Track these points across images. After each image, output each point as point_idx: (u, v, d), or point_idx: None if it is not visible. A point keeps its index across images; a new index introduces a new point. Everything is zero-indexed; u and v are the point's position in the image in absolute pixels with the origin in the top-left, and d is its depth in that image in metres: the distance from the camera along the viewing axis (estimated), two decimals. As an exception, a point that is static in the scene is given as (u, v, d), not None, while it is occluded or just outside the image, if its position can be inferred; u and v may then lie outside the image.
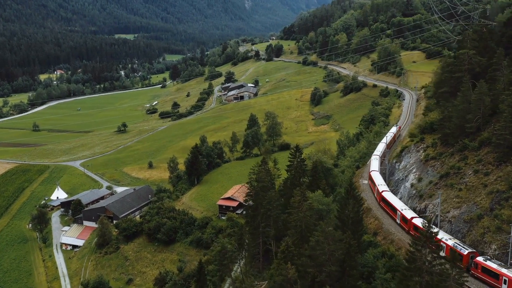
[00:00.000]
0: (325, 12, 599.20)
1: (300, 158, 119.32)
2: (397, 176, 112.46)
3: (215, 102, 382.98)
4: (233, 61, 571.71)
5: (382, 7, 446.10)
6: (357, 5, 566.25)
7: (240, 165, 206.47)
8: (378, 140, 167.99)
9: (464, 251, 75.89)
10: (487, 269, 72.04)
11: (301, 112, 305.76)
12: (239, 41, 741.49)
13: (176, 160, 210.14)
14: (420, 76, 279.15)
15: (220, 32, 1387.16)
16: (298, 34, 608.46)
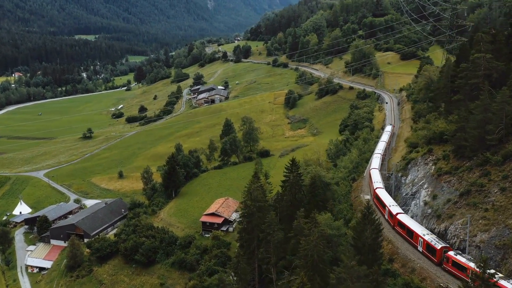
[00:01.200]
0: (293, 12, 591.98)
1: (296, 173, 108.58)
2: (404, 191, 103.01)
3: (185, 106, 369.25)
4: (200, 62, 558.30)
5: (352, 8, 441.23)
6: (325, 5, 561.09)
7: (219, 174, 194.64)
8: (368, 149, 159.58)
9: (437, 246, 79.60)
10: (457, 263, 75.09)
11: (276, 115, 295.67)
12: (205, 42, 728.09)
13: (150, 170, 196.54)
14: (396, 78, 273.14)
15: (183, 32, 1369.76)
16: (266, 35, 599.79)
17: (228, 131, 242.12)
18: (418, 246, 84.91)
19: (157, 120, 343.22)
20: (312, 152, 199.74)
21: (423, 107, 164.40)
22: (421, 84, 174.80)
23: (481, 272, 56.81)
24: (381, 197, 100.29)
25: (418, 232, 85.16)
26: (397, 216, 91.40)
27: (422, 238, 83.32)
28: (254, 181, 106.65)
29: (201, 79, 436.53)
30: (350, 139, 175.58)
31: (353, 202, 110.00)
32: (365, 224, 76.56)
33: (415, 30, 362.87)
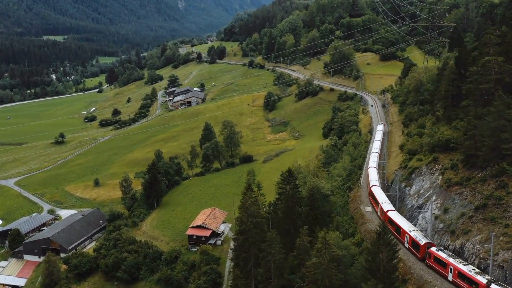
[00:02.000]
0: (267, 12, 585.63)
1: (293, 184, 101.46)
2: (410, 203, 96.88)
3: (161, 109, 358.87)
4: (174, 63, 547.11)
5: (328, 8, 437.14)
6: (300, 5, 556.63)
7: (202, 182, 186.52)
8: (359, 154, 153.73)
9: (421, 242, 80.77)
10: (438, 258, 76.08)
11: (256, 118, 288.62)
12: (178, 42, 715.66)
13: (130, 179, 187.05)
14: (377, 79, 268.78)
15: (154, 33, 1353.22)
16: (240, 35, 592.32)
17: (208, 136, 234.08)
18: (405, 242, 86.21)
19: (132, 124, 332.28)
20: (297, 156, 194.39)
21: (414, 111, 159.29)
22: (410, 87, 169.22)
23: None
24: (375, 194, 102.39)
25: (405, 228, 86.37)
26: (387, 213, 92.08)
27: (408, 235, 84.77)
28: (248, 194, 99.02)
29: (176, 81, 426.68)
30: (339, 144, 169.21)
31: (354, 215, 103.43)
32: (380, 245, 69.91)
33: (393, 31, 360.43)
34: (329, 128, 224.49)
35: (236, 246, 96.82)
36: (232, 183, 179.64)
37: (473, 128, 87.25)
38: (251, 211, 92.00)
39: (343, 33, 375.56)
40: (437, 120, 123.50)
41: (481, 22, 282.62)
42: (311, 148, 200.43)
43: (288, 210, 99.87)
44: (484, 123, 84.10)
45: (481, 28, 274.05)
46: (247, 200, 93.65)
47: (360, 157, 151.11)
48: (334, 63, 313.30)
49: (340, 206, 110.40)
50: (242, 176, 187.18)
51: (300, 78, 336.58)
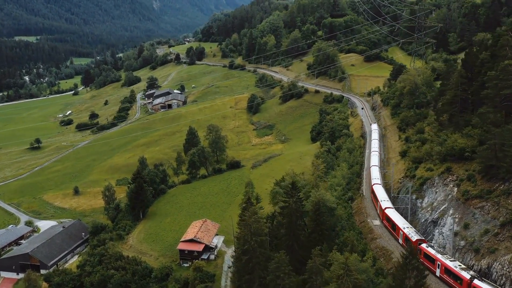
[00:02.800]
0: (245, 13, 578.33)
1: (297, 197, 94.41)
2: (423, 216, 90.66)
3: (140, 112, 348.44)
4: (152, 65, 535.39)
5: (309, 8, 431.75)
6: (279, 6, 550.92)
7: (189, 190, 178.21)
8: (355, 160, 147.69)
9: (413, 238, 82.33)
10: (427, 254, 77.88)
11: (240, 121, 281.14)
12: (155, 43, 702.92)
13: (113, 188, 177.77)
14: (363, 81, 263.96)
15: (129, 33, 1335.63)
16: (218, 36, 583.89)
17: (192, 140, 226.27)
18: (399, 238, 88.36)
19: (111, 128, 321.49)
20: (287, 161, 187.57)
21: (410, 115, 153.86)
22: (405, 89, 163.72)
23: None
24: (376, 192, 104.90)
25: (399, 225, 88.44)
26: (384, 211, 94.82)
27: (402, 231, 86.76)
28: (250, 210, 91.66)
29: (155, 82, 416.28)
30: (332, 149, 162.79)
31: (361, 229, 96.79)
32: (407, 270, 63.30)
33: (377, 32, 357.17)
34: (317, 131, 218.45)
35: (239, 267, 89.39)
36: (220, 191, 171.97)
37: (493, 137, 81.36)
38: (254, 229, 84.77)
39: (326, 33, 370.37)
40: (441, 126, 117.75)
41: (464, 22, 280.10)
42: (300, 152, 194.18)
43: (291, 225, 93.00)
44: (506, 131, 78.26)
45: (464, 29, 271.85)
46: (249, 216, 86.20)
47: (357, 164, 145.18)
48: (318, 65, 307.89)
49: (344, 219, 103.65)
50: (230, 183, 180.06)
51: (283, 80, 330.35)
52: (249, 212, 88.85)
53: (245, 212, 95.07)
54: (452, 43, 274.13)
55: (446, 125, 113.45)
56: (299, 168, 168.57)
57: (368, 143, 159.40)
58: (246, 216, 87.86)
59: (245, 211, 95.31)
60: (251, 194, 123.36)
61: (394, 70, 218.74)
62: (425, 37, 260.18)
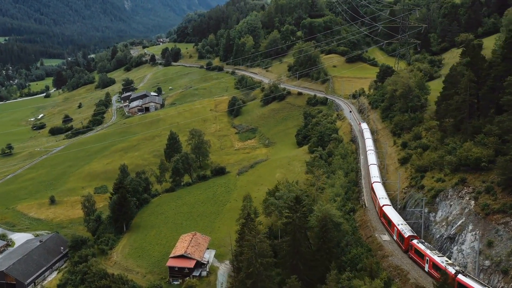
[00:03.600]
0: (221, 13, 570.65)
1: (301, 213, 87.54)
2: (437, 232, 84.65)
3: (116, 115, 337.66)
4: (126, 66, 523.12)
5: (287, 8, 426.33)
6: (255, 6, 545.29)
7: (173, 199, 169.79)
8: (350, 167, 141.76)
9: (405, 234, 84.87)
10: (418, 250, 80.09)
11: (221, 125, 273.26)
12: (128, 44, 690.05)
13: (92, 198, 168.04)
14: (346, 83, 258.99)
15: (100, 34, 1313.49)
16: (193, 36, 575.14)
17: (174, 145, 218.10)
18: (394, 235, 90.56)
19: (87, 132, 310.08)
20: (274, 167, 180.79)
21: (405, 119, 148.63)
22: (397, 92, 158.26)
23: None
24: (375, 190, 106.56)
25: (394, 222, 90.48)
26: (382, 208, 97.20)
27: (396, 228, 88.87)
28: (250, 226, 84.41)
29: (131, 84, 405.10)
30: (323, 155, 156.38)
31: (370, 245, 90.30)
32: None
33: (358, 33, 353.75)
34: (303, 135, 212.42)
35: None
36: (207, 200, 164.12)
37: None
38: (259, 250, 77.61)
39: (305, 34, 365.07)
40: (444, 132, 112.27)
41: (445, 23, 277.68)
42: (288, 158, 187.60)
43: (295, 242, 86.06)
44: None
45: (446, 29, 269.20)
46: (254, 236, 78.96)
47: (352, 171, 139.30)
48: (299, 66, 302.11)
49: (349, 233, 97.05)
50: (216, 191, 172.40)
51: (263, 82, 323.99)
52: (253, 231, 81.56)
53: (244, 228, 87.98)
54: (433, 44, 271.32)
55: (450, 131, 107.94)
56: (289, 175, 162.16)
57: (362, 143, 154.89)
58: (250, 236, 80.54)
59: (245, 227, 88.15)
60: (249, 209, 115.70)
61: (381, 71, 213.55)
62: (409, 37, 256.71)
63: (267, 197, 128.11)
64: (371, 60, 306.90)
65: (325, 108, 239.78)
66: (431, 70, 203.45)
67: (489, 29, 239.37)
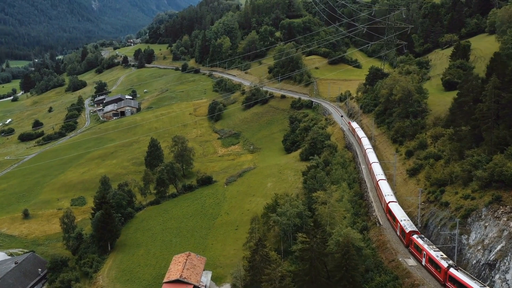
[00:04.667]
0: (194, 13, 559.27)
1: (321, 237, 78.29)
2: (473, 257, 76.29)
3: (90, 120, 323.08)
4: (98, 68, 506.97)
5: (263, 9, 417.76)
6: (231, 6, 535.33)
7: (159, 213, 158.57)
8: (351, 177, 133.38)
9: (407, 229, 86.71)
10: (416, 245, 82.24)
11: (202, 129, 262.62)
12: (98, 45, 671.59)
13: (72, 213, 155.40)
14: (330, 85, 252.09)
15: (68, 34, 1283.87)
16: (166, 37, 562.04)
17: (155, 153, 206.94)
18: (397, 230, 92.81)
19: (60, 139, 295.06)
20: (265, 176, 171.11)
21: (406, 125, 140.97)
22: (396, 96, 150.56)
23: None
24: (380, 187, 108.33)
25: (398, 217, 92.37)
26: (388, 204, 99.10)
27: (399, 223, 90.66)
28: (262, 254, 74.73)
29: (105, 87, 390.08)
30: (320, 164, 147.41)
31: (394, 271, 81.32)
32: None
33: (337, 33, 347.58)
34: (292, 141, 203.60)
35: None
36: (195, 213, 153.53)
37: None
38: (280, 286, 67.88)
39: (284, 35, 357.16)
40: (458, 141, 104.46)
41: (426, 23, 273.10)
42: (278, 166, 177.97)
43: (314, 271, 76.77)
44: None
45: (428, 30, 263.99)
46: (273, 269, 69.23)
47: (354, 182, 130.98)
48: (280, 68, 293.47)
49: (369, 257, 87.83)
50: (205, 203, 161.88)
51: (243, 84, 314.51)
52: (269, 261, 71.85)
53: (255, 256, 78.28)
54: (416, 45, 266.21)
55: (468, 141, 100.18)
56: (282, 185, 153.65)
57: (360, 151, 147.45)
58: (269, 269, 70.79)
59: (256, 254, 78.44)
60: (258, 232, 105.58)
61: (370, 74, 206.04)
62: (395, 38, 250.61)
63: (267, 213, 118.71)
64: (354, 62, 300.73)
65: (310, 112, 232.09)
66: (421, 72, 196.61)
67: (472, 30, 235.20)
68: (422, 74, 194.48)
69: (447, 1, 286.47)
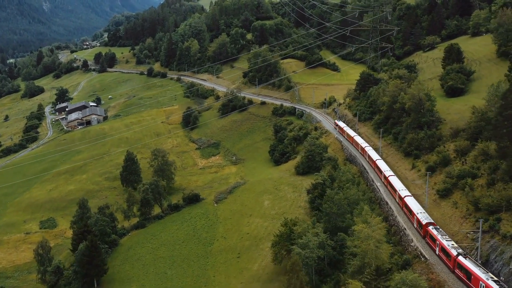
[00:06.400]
0: (156, 15, 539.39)
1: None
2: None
3: (52, 130, 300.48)
4: (55, 73, 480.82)
5: (231, 10, 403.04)
6: (194, 8, 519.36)
7: (147, 238, 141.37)
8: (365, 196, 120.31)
9: (423, 221, 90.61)
10: (431, 236, 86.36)
11: (178, 139, 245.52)
12: (54, 48, 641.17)
13: (48, 243, 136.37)
14: (312, 90, 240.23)
15: (18, 37, 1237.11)
16: (127, 40, 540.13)
17: (131, 167, 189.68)
18: (414, 222, 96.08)
19: (21, 151, 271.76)
20: (259, 193, 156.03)
21: (421, 136, 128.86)
22: (406, 105, 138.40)
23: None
24: (392, 183, 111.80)
25: (414, 210, 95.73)
26: (404, 198, 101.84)
27: (416, 216, 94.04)
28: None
29: (66, 94, 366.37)
30: (327, 181, 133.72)
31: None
32: None
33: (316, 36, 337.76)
34: (281, 152, 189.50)
35: None
36: (188, 238, 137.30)
37: None
38: None
39: (256, 37, 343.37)
40: (502, 158, 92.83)
41: (404, 25, 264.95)
42: (272, 181, 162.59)
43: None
44: None
45: (407, 32, 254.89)
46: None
47: (372, 202, 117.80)
48: (256, 72, 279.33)
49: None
50: (196, 225, 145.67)
51: (216, 89, 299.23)
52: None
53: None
54: (395, 47, 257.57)
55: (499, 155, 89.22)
56: (281, 204, 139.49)
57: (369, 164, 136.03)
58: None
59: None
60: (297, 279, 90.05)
61: (362, 79, 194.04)
62: (380, 41, 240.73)
63: (280, 241, 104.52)
64: (332, 66, 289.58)
65: (295, 119, 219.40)
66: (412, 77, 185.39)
67: (453, 32, 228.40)
68: (413, 79, 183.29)
69: (422, 2, 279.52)
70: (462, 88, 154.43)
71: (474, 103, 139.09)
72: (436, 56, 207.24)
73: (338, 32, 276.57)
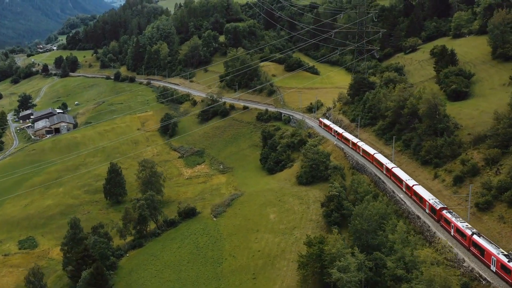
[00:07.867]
0: (118, 17, 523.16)
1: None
2: None
3: (18, 139, 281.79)
4: (13, 78, 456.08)
5: (200, 12, 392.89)
6: (159, 10, 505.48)
7: (148, 259, 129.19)
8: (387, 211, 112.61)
9: (437, 207, 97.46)
10: (446, 219, 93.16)
11: (158, 147, 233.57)
12: (8, 52, 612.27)
13: (40, 270, 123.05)
14: (296, 94, 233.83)
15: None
16: (87, 43, 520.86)
17: (115, 180, 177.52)
18: (426, 208, 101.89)
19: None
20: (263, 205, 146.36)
21: (440, 143, 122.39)
22: (420, 110, 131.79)
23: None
24: (397, 174, 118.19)
25: (425, 198, 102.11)
26: (413, 187, 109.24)
27: (428, 202, 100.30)
28: None
29: (29, 100, 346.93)
30: (342, 193, 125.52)
31: None
32: None
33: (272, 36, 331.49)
34: (275, 160, 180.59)
35: None
36: (192, 258, 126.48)
37: None
38: None
39: (230, 40, 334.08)
40: None
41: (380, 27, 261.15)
42: (273, 192, 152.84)
43: None
44: None
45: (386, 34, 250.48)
46: None
47: (399, 216, 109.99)
48: (235, 76, 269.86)
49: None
50: (198, 242, 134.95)
51: (192, 94, 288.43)
52: None
53: None
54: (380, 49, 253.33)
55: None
56: (289, 218, 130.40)
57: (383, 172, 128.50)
58: None
59: None
60: None
61: (356, 82, 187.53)
62: (367, 44, 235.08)
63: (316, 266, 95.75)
64: (311, 69, 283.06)
65: (281, 124, 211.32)
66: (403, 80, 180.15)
67: (432, 33, 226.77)
68: (405, 82, 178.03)
69: (397, 4, 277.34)
70: (467, 92, 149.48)
71: (484, 107, 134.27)
72: (421, 58, 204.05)
73: (320, 35, 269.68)
